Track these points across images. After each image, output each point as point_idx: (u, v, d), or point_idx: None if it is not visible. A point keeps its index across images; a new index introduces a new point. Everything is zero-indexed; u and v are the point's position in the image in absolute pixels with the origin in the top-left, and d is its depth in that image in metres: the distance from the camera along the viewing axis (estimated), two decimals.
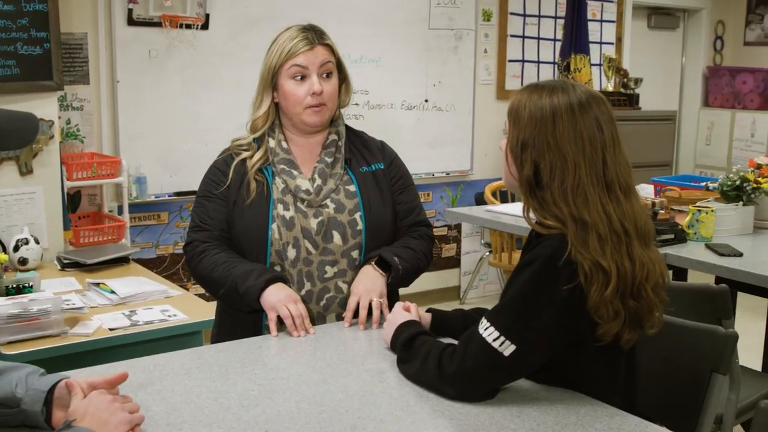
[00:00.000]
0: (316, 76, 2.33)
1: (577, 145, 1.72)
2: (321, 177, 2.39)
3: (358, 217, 2.38)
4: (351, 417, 1.65)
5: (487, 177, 6.10)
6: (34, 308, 2.89)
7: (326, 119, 2.41)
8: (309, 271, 2.34)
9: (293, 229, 2.33)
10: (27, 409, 1.57)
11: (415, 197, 2.55)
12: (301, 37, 2.34)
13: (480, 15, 6.01)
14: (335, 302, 2.35)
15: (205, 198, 2.43)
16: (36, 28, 3.88)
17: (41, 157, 3.98)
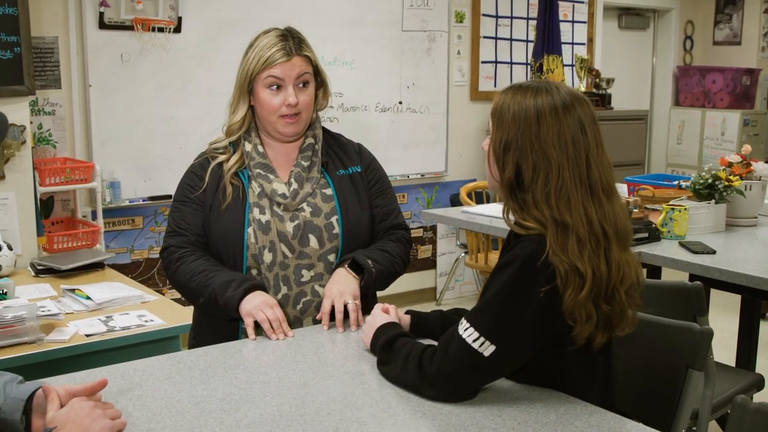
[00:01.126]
0: (292, 87, 2.32)
1: (561, 147, 1.73)
2: (297, 181, 2.38)
3: (334, 220, 2.38)
4: (333, 419, 1.65)
5: (462, 178, 6.13)
6: (9, 315, 2.86)
7: (301, 129, 2.40)
8: (285, 275, 2.34)
9: (269, 233, 2.33)
10: (6, 418, 1.56)
11: (393, 200, 2.55)
12: (279, 47, 2.32)
13: (453, 17, 6.03)
14: (312, 306, 2.35)
15: (181, 203, 2.42)
16: (6, 32, 3.84)
17: (13, 162, 3.94)
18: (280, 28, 2.40)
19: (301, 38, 2.39)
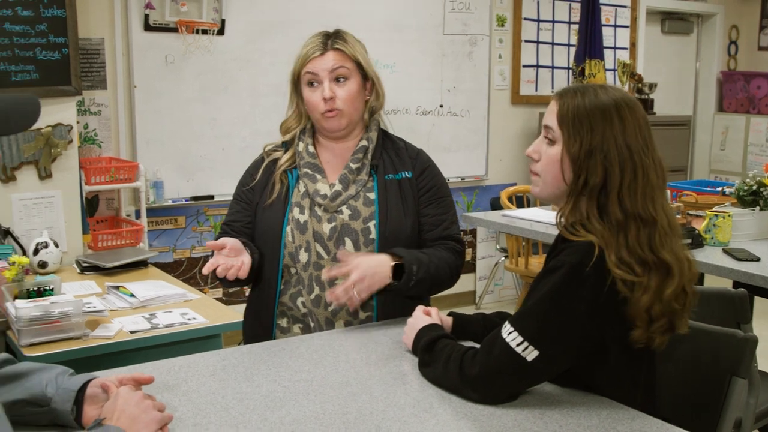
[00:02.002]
0: (328, 81, 2.33)
1: (640, 141, 1.72)
2: (342, 183, 2.38)
3: (372, 225, 2.36)
4: (375, 418, 1.66)
5: (502, 182, 6.12)
6: (56, 311, 2.92)
7: (343, 124, 2.38)
8: (319, 276, 2.34)
9: (306, 233, 2.34)
10: (57, 408, 1.59)
11: (446, 210, 2.45)
12: (315, 44, 2.36)
13: (494, 20, 6.03)
14: (343, 309, 2.33)
15: (234, 200, 2.51)
16: (54, 34, 3.91)
17: (60, 161, 4.01)
18: (327, 30, 2.42)
19: (343, 36, 2.40)
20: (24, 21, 3.81)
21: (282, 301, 2.40)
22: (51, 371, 1.65)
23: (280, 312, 2.41)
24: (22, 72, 3.83)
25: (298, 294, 2.37)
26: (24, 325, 2.86)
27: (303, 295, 2.35)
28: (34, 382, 1.61)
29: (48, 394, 1.59)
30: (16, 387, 1.60)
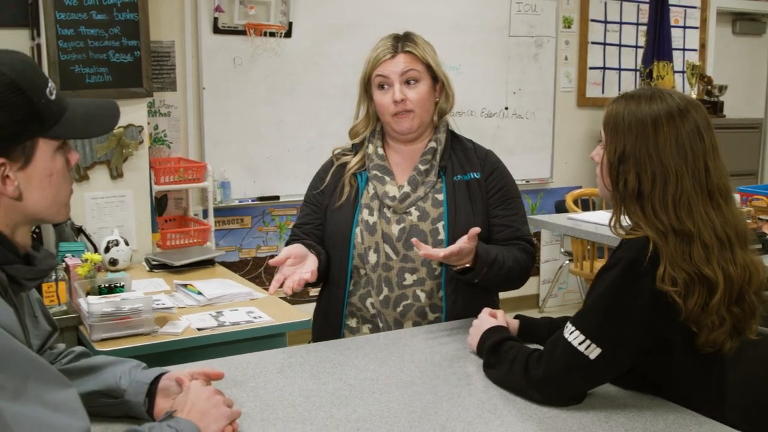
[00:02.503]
0: (398, 84, 2.34)
1: (679, 154, 1.71)
2: (411, 184, 2.39)
3: (440, 226, 2.36)
4: (440, 418, 1.67)
5: (567, 185, 6.06)
6: (126, 307, 2.98)
7: (415, 126, 2.39)
8: (388, 277, 2.35)
9: (375, 234, 2.36)
10: (130, 400, 1.64)
11: (516, 211, 2.44)
12: (386, 47, 2.37)
13: (561, 22, 5.98)
14: (412, 310, 2.35)
15: (304, 202, 2.55)
16: (127, 37, 4.00)
17: (131, 161, 4.10)
18: (397, 33, 2.43)
19: (413, 38, 2.41)
20: (98, 24, 3.90)
21: (351, 302, 2.41)
22: (125, 364, 1.69)
23: (350, 312, 2.43)
24: (96, 74, 3.93)
25: (367, 295, 2.38)
26: (96, 321, 2.93)
27: (372, 296, 2.37)
28: (108, 375, 1.66)
29: (122, 386, 1.64)
30: (91, 379, 1.65)
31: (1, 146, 1.31)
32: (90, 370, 1.67)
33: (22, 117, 1.32)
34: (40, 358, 1.26)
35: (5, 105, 1.30)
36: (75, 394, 1.28)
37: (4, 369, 1.18)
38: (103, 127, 1.50)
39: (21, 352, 1.22)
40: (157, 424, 1.45)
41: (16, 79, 1.32)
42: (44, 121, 1.36)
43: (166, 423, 1.45)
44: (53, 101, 1.38)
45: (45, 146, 1.37)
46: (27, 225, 1.42)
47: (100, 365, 1.69)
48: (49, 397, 1.22)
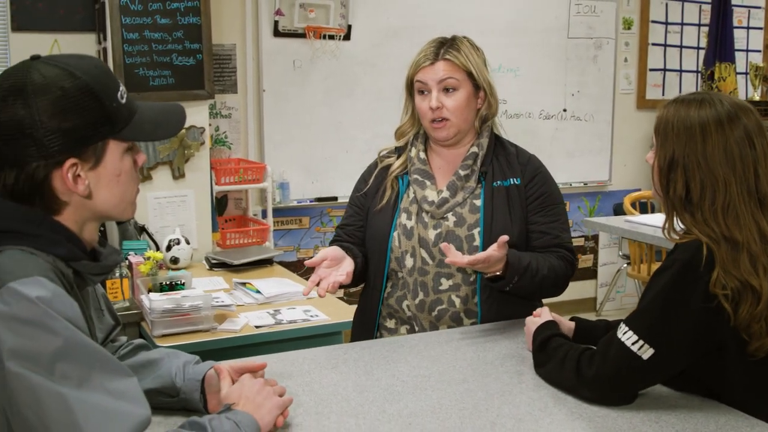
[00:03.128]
0: (437, 91, 2.33)
1: (728, 162, 1.70)
2: (450, 189, 2.37)
3: (476, 232, 2.34)
4: (490, 415, 1.69)
5: (626, 187, 6.01)
6: (186, 304, 3.06)
7: (452, 134, 2.37)
8: (424, 282, 2.35)
9: (412, 239, 2.36)
10: (187, 398, 1.69)
11: (557, 218, 2.41)
12: (427, 53, 2.36)
13: (620, 23, 5.93)
14: (447, 315, 2.34)
15: (349, 204, 2.58)
16: (190, 40, 4.09)
17: (193, 162, 4.19)
18: (445, 36, 2.42)
19: (458, 44, 2.37)
20: (162, 28, 4.00)
21: (389, 304, 2.42)
22: (179, 359, 1.74)
23: (388, 314, 2.44)
24: (160, 77, 4.03)
25: (404, 297, 2.39)
26: (157, 317, 3.01)
27: (408, 299, 2.38)
28: (163, 371, 1.71)
29: (177, 384, 1.69)
30: (147, 375, 1.70)
31: (73, 147, 1.37)
32: (147, 365, 1.73)
33: (94, 120, 1.38)
34: (104, 350, 1.32)
35: (79, 108, 1.36)
36: (136, 383, 1.33)
37: (70, 359, 1.24)
38: (169, 130, 1.56)
39: (85, 344, 1.27)
40: (217, 415, 1.50)
41: (90, 83, 1.38)
42: (115, 124, 1.42)
43: (225, 415, 1.50)
44: (124, 105, 1.44)
45: (115, 147, 1.43)
46: (95, 222, 1.48)
47: (155, 359, 1.74)
48: (111, 385, 1.28)
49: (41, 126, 1.33)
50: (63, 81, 1.36)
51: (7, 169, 1.36)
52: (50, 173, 1.37)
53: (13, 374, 1.20)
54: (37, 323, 1.22)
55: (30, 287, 1.25)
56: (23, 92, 1.34)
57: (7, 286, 1.24)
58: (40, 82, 1.35)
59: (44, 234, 1.37)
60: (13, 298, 1.23)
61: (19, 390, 1.20)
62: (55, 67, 1.37)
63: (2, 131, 1.34)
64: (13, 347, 1.20)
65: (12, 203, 1.36)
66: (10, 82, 1.36)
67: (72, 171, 1.38)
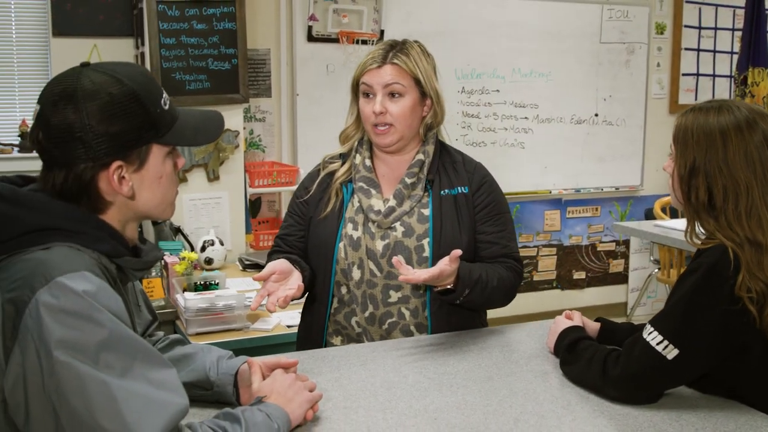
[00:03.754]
0: (381, 95, 2.26)
1: (748, 167, 1.74)
2: (397, 198, 2.30)
3: (425, 242, 2.27)
4: (514, 411, 1.74)
5: (657, 192, 6.00)
6: (220, 303, 3.14)
7: (394, 141, 2.30)
8: (373, 294, 2.28)
9: (359, 250, 2.28)
10: (220, 391, 1.76)
11: (504, 227, 2.36)
12: (375, 55, 2.29)
13: (653, 28, 5.93)
14: (397, 328, 2.28)
15: (289, 213, 2.46)
16: (225, 45, 4.17)
17: (227, 164, 4.27)
18: (396, 40, 2.37)
19: (407, 49, 2.30)
20: (198, 34, 4.09)
21: (336, 320, 2.35)
22: (213, 354, 1.81)
23: (335, 331, 2.36)
24: (196, 81, 4.11)
25: (353, 313, 2.31)
26: (192, 316, 3.09)
27: (357, 313, 2.30)
28: (198, 365, 1.78)
29: (211, 378, 1.76)
30: (182, 368, 1.76)
31: (119, 150, 1.44)
32: (182, 359, 1.80)
33: (139, 125, 1.45)
34: (145, 341, 1.39)
35: (126, 113, 1.43)
36: (175, 374, 1.40)
37: (114, 350, 1.31)
38: (209, 136, 1.64)
39: (128, 335, 1.34)
40: (249, 407, 1.56)
41: (136, 90, 1.45)
42: (158, 129, 1.49)
43: (257, 407, 1.56)
44: (167, 111, 1.51)
45: (157, 151, 1.51)
46: (136, 221, 1.56)
47: (190, 354, 1.82)
48: (152, 375, 1.34)
49: (90, 130, 1.40)
50: (111, 87, 1.43)
51: (56, 170, 1.43)
52: (97, 174, 1.44)
53: (61, 363, 1.26)
54: (84, 315, 1.29)
55: (77, 281, 1.32)
56: (74, 97, 1.41)
57: (56, 280, 1.30)
58: (90, 88, 1.42)
59: (89, 231, 1.44)
60: (61, 291, 1.30)
61: (66, 378, 1.27)
62: (103, 74, 1.44)
63: (53, 134, 1.41)
64: (61, 338, 1.27)
65: (60, 202, 1.43)
66: (61, 87, 1.43)
67: (117, 173, 1.45)
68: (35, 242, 1.39)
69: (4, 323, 1.31)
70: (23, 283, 1.31)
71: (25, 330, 1.29)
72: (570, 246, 5.93)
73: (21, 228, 1.39)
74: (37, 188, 1.47)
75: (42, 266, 1.33)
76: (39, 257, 1.36)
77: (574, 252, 5.95)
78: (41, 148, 1.44)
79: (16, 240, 1.39)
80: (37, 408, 1.29)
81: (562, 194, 5.81)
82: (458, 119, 5.37)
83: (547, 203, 5.81)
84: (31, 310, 1.29)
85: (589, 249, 6.00)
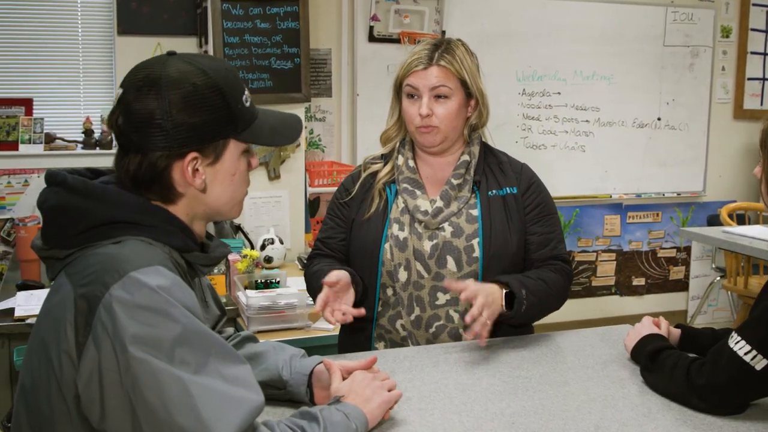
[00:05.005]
0: (427, 98, 2.21)
1: None
2: (444, 199, 2.26)
3: (475, 243, 2.22)
4: (593, 418, 1.69)
5: (720, 199, 5.89)
6: (282, 302, 3.13)
7: (438, 141, 2.26)
8: (419, 296, 2.23)
9: (406, 251, 2.23)
10: (293, 391, 1.73)
11: (554, 228, 2.32)
12: (421, 56, 2.23)
13: (718, 31, 5.81)
14: (444, 331, 2.23)
15: (329, 216, 2.42)
16: (288, 45, 4.18)
17: (288, 163, 4.28)
18: (441, 39, 2.33)
19: (452, 49, 2.25)
20: (262, 33, 4.10)
21: (380, 324, 2.29)
22: (286, 353, 1.79)
23: (378, 336, 2.31)
24: (258, 80, 4.12)
25: (397, 316, 2.26)
26: (254, 313, 3.08)
27: (402, 316, 2.25)
28: (270, 364, 1.76)
29: (284, 377, 1.74)
30: (255, 367, 1.74)
31: (197, 141, 1.42)
32: (254, 357, 1.78)
33: (219, 118, 1.43)
34: (219, 337, 1.37)
35: (207, 105, 1.42)
36: (249, 370, 1.37)
37: (189, 345, 1.29)
38: (286, 138, 1.61)
39: (203, 331, 1.32)
40: (327, 406, 1.53)
41: (219, 83, 1.43)
42: (237, 125, 1.47)
43: (335, 406, 1.53)
44: (247, 108, 1.50)
45: (234, 148, 1.48)
46: (203, 219, 1.53)
47: (262, 353, 1.80)
48: (226, 371, 1.32)
49: (170, 118, 1.39)
50: (195, 78, 1.41)
51: (132, 155, 1.42)
52: (171, 164, 1.42)
53: (137, 359, 1.25)
54: (159, 311, 1.28)
55: (151, 276, 1.30)
56: (158, 84, 1.39)
57: (129, 275, 1.29)
58: (175, 76, 1.40)
59: (160, 225, 1.42)
60: (135, 286, 1.28)
61: (141, 374, 1.25)
62: (189, 64, 1.43)
63: (134, 119, 1.40)
64: (136, 333, 1.25)
65: (131, 195, 1.41)
66: (146, 72, 1.42)
67: (192, 164, 1.43)
68: (107, 235, 1.37)
69: (77, 319, 1.29)
70: (95, 278, 1.30)
71: (98, 326, 1.27)
72: (630, 252, 5.83)
73: (92, 221, 1.37)
74: (108, 180, 1.45)
75: (114, 261, 1.32)
76: (111, 251, 1.34)
77: (633, 258, 5.85)
78: (119, 131, 1.43)
79: (87, 233, 1.37)
80: (113, 404, 1.27)
81: (623, 199, 5.72)
82: (519, 122, 5.31)
83: (607, 208, 5.72)
84: (104, 305, 1.27)
85: (650, 255, 5.90)
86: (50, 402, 1.32)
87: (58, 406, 1.31)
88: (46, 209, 1.41)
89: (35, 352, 1.37)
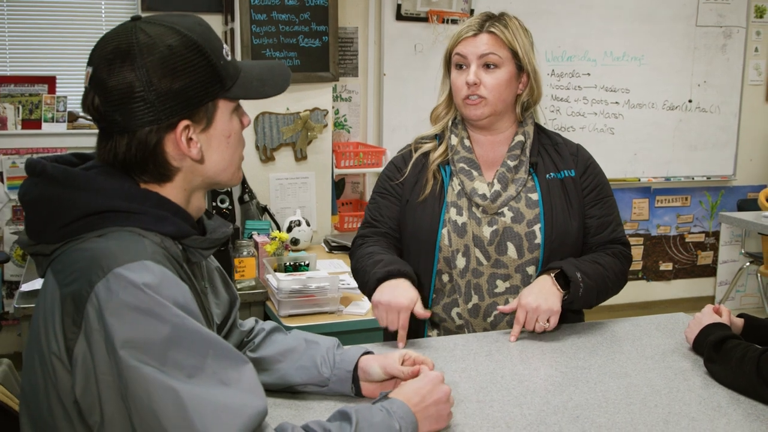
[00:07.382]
0: (476, 66, 2.12)
1: None
2: (501, 182, 2.16)
3: (537, 229, 2.13)
4: (661, 412, 1.60)
5: (751, 183, 5.78)
6: (313, 285, 3.05)
7: (485, 114, 2.14)
8: (478, 284, 2.15)
9: (465, 237, 2.14)
10: (337, 389, 1.64)
11: (612, 211, 2.24)
12: (471, 23, 2.15)
13: (752, 11, 5.68)
14: (503, 320, 2.15)
15: (379, 194, 2.29)
16: (316, 22, 4.08)
17: (315, 144, 4.19)
18: (494, 12, 2.22)
19: (505, 20, 2.16)
20: (290, 10, 4.00)
21: (434, 311, 2.20)
22: (320, 347, 1.67)
23: (432, 323, 2.22)
24: (286, 58, 4.03)
25: (454, 304, 2.18)
26: (284, 297, 3.00)
27: (459, 304, 2.16)
28: (306, 361, 1.65)
29: (324, 374, 1.63)
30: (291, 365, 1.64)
31: (185, 108, 1.30)
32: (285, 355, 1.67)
33: (204, 78, 1.31)
34: (216, 336, 1.24)
35: (189, 66, 1.29)
36: (252, 371, 1.25)
37: (181, 347, 1.17)
38: (276, 87, 1.46)
39: (196, 330, 1.20)
40: (368, 405, 1.41)
41: (196, 39, 1.31)
42: (224, 82, 1.35)
43: (379, 404, 1.41)
44: (229, 63, 1.37)
45: (224, 107, 1.36)
46: (202, 190, 1.41)
47: (294, 348, 1.68)
48: (225, 375, 1.20)
49: (152, 88, 1.26)
50: (169, 39, 1.29)
51: (117, 137, 1.30)
52: (163, 137, 1.30)
53: (127, 367, 1.14)
54: (144, 310, 1.16)
55: (136, 272, 1.18)
56: (130, 54, 1.27)
57: (114, 271, 1.17)
58: (146, 41, 1.27)
59: (150, 211, 1.30)
60: (120, 285, 1.17)
61: (133, 381, 1.14)
62: (159, 26, 1.30)
63: (112, 96, 1.27)
64: (125, 337, 1.15)
65: (115, 180, 1.29)
66: (113, 44, 1.29)
67: (185, 134, 1.31)
68: (92, 227, 1.25)
69: (64, 320, 1.19)
70: (80, 276, 1.19)
71: (88, 327, 1.16)
72: (657, 236, 5.73)
73: (76, 212, 1.25)
74: (92, 165, 1.32)
75: (99, 256, 1.20)
76: (95, 246, 1.23)
77: (661, 242, 5.75)
78: (98, 114, 1.29)
79: (72, 225, 1.25)
80: (111, 410, 1.17)
81: (651, 182, 5.61)
82: (547, 103, 5.21)
83: (635, 191, 5.62)
84: (92, 305, 1.16)
85: (677, 239, 5.80)
86: (50, 407, 1.22)
87: (58, 412, 1.22)
88: (27, 202, 1.29)
89: (31, 355, 1.27)
